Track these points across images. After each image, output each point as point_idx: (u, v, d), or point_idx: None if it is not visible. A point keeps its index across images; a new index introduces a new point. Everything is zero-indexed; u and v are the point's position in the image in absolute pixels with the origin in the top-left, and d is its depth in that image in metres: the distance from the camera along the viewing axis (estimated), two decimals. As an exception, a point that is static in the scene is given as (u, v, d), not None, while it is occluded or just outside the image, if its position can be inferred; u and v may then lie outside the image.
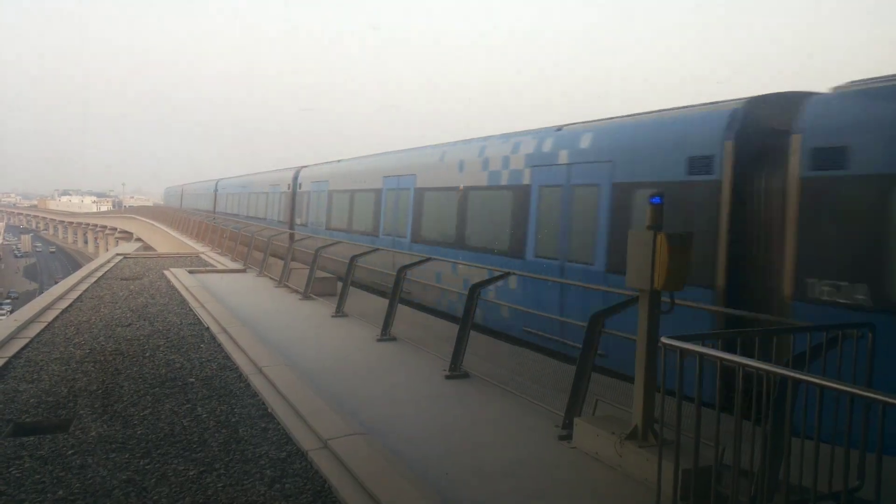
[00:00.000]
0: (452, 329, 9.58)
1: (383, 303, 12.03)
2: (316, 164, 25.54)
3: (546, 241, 11.24)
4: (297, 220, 25.22)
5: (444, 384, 8.52)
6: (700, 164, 8.47)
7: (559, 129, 11.76)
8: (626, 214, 9.55)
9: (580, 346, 6.87)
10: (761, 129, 8.16)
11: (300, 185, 25.32)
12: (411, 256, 13.26)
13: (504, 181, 12.38)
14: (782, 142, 7.50)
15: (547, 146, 11.54)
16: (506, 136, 13.12)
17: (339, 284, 14.56)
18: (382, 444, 6.17)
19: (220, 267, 22.29)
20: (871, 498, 4.25)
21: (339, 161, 23.31)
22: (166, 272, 19.50)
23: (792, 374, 4.15)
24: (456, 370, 8.79)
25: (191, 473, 5.72)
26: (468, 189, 13.57)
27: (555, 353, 10.03)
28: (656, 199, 5.69)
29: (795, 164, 7.22)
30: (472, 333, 9.15)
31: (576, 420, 6.42)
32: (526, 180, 11.77)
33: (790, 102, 7.81)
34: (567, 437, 6.46)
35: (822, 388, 4.05)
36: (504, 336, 11.29)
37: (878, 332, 4.86)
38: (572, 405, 6.67)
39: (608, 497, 5.34)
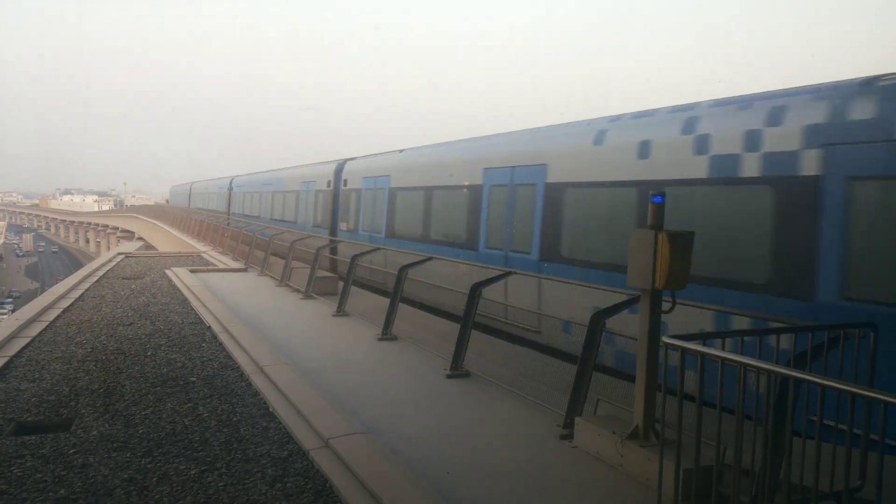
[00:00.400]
0: (454, 328, 9.58)
1: (384, 302, 12.03)
2: (366, 156, 20.77)
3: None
4: (343, 226, 20.52)
5: (446, 383, 8.52)
6: None
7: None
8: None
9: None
10: None
11: (345, 181, 20.76)
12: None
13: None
14: None
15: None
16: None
17: (341, 284, 14.56)
18: (383, 444, 6.17)
19: (221, 266, 22.31)
20: (872, 498, 4.25)
21: (401, 151, 18.53)
22: (168, 271, 19.51)
23: (793, 373, 4.14)
24: (457, 369, 8.79)
25: (192, 472, 5.73)
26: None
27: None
28: (657, 199, 5.69)
29: None
30: (474, 333, 9.15)
31: (577, 419, 6.42)
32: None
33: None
34: (568, 437, 6.46)
35: (824, 387, 4.05)
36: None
37: None
38: (573, 404, 6.67)
39: (609, 497, 5.34)
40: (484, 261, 12.04)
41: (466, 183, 13.42)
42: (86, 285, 16.74)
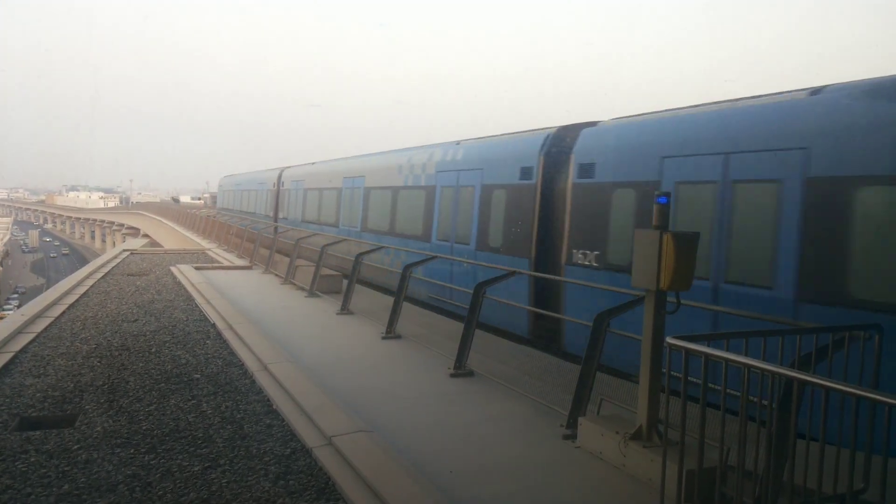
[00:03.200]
0: (457, 327, 9.58)
1: (388, 300, 12.03)
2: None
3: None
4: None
5: (449, 382, 8.52)
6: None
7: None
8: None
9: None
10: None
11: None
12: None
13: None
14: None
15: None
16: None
17: (345, 282, 14.56)
18: (386, 442, 6.18)
19: (226, 263, 22.36)
20: (876, 500, 4.24)
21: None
22: (173, 268, 19.56)
23: (797, 375, 4.13)
24: (461, 368, 8.79)
25: (195, 469, 5.74)
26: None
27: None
28: (663, 199, 5.68)
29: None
30: (478, 332, 9.15)
31: (580, 419, 6.41)
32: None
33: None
34: (571, 437, 6.45)
35: (828, 389, 4.03)
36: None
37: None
38: (577, 404, 6.66)
39: (612, 497, 5.33)
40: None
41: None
42: (91, 282, 16.79)
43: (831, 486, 4.57)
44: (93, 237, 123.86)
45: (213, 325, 11.64)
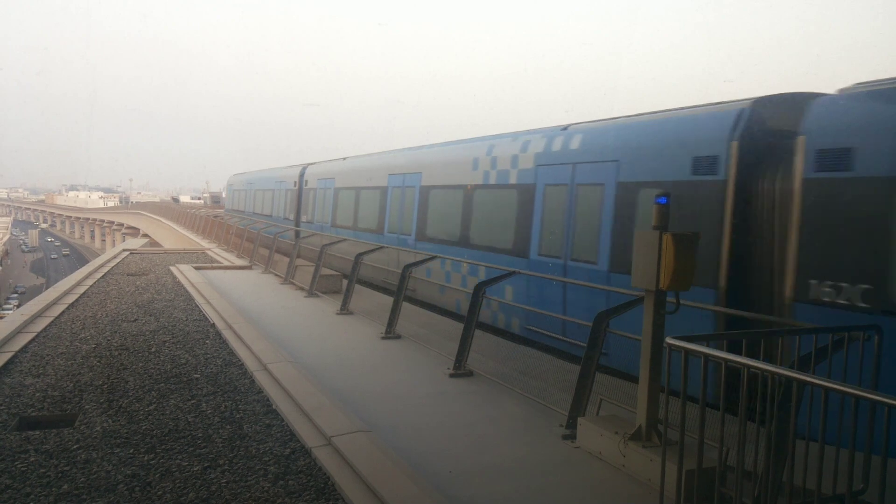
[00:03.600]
0: (457, 327, 9.58)
1: (388, 300, 12.04)
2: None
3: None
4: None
5: (448, 382, 8.52)
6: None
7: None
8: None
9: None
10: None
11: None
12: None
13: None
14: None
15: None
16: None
17: (344, 282, 14.56)
18: (386, 442, 6.18)
19: (225, 263, 22.35)
20: (875, 501, 4.24)
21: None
22: (172, 268, 19.56)
23: (797, 375, 4.13)
24: (460, 368, 8.79)
25: (195, 469, 5.74)
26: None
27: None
28: (662, 200, 5.68)
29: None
30: (477, 332, 9.15)
31: (580, 419, 6.42)
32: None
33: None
34: (571, 437, 6.45)
35: (827, 390, 4.03)
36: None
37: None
38: (576, 404, 6.66)
39: (611, 497, 5.34)
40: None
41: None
42: (91, 281, 16.79)
43: (830, 487, 4.58)
44: (92, 237, 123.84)
45: (213, 325, 11.64)
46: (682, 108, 9.52)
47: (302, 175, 25.39)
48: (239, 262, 22.81)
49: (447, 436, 6.64)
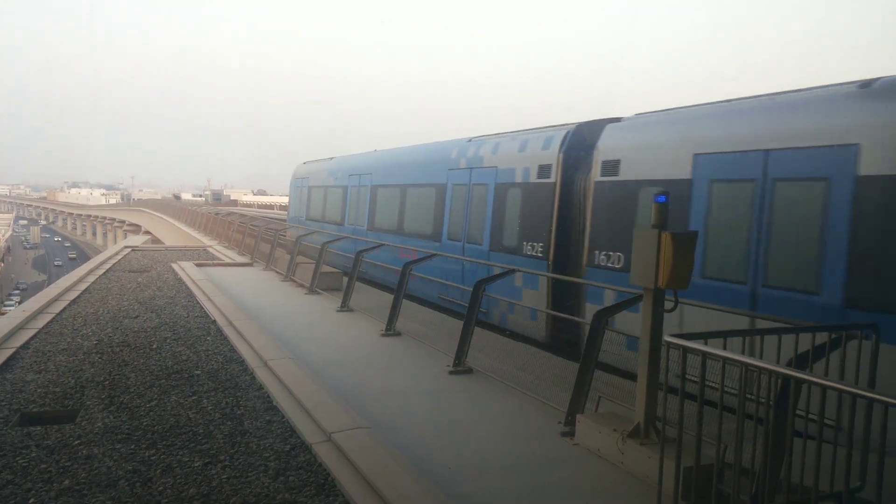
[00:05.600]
0: (457, 324, 9.61)
1: (388, 298, 12.06)
2: None
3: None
4: None
5: (448, 379, 8.55)
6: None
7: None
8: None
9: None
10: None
11: None
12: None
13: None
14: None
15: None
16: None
17: (345, 279, 14.60)
18: (385, 438, 6.20)
19: (227, 260, 22.39)
20: (872, 498, 4.26)
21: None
22: (174, 265, 19.60)
23: (794, 373, 4.15)
24: (460, 365, 8.82)
25: (196, 465, 5.77)
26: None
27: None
28: (661, 198, 5.69)
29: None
30: (477, 329, 9.17)
31: (578, 417, 6.44)
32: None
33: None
34: (569, 434, 6.48)
35: (825, 387, 4.06)
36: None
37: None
38: (575, 402, 6.68)
39: (610, 494, 5.36)
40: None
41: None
42: (92, 278, 16.83)
43: (828, 484, 4.60)
44: (94, 234, 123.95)
45: (214, 322, 11.66)
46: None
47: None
48: (240, 259, 22.84)
49: (446, 432, 6.67)
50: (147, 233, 57.46)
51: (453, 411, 7.34)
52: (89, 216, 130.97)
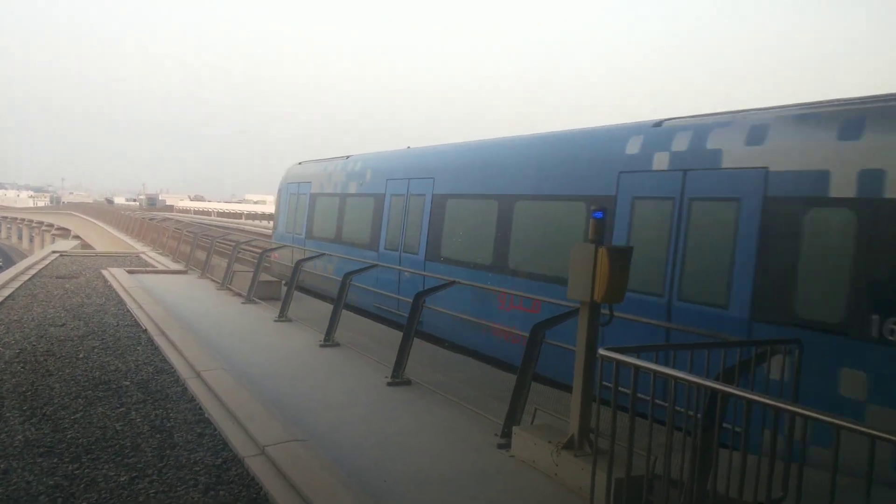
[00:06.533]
0: (396, 336, 9.57)
1: (327, 308, 11.94)
2: None
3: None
4: None
5: (386, 391, 8.50)
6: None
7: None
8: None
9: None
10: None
11: None
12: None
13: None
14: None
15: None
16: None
17: (284, 288, 14.38)
18: (321, 451, 6.13)
19: (160, 267, 21.78)
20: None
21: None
22: (104, 271, 18.96)
23: (721, 387, 4.29)
24: (398, 377, 8.78)
25: (122, 479, 5.58)
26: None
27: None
28: (599, 214, 5.81)
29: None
30: (416, 341, 9.16)
31: (514, 429, 6.49)
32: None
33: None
34: (506, 446, 6.52)
35: (750, 401, 4.20)
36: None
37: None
38: (511, 414, 6.73)
39: (544, 505, 5.41)
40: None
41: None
42: (17, 284, 16.13)
43: (752, 495, 4.75)
44: (20, 237, 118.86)
45: (145, 331, 11.33)
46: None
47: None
48: (174, 266, 22.25)
49: (384, 445, 6.62)
50: (77, 237, 55.43)
51: (391, 423, 7.30)
52: (15, 219, 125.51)
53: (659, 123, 8.56)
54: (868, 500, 3.46)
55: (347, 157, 17.03)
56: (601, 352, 4.74)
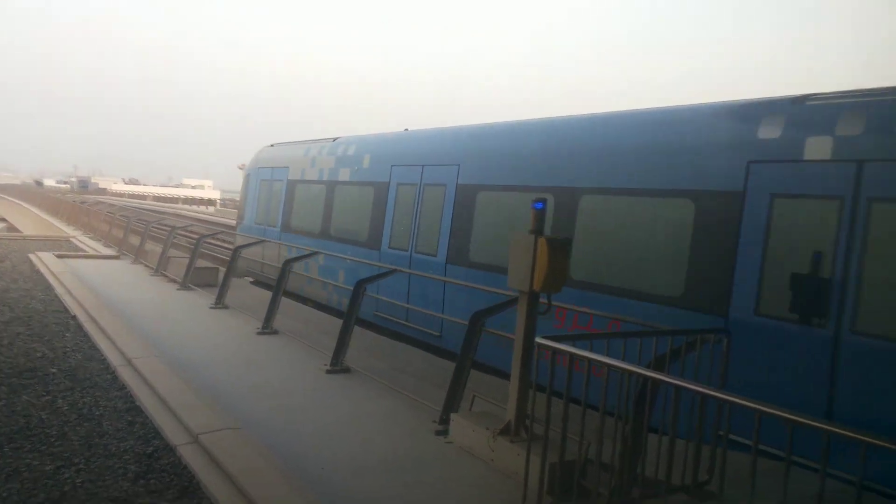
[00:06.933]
0: (336, 323, 9.51)
1: (266, 295, 11.77)
2: None
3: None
4: None
5: (325, 379, 8.44)
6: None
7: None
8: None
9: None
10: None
11: None
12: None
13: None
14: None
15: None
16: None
17: (221, 275, 14.09)
18: (257, 439, 6.05)
19: (91, 252, 21.07)
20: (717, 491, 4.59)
21: None
22: (32, 256, 18.23)
23: (652, 374, 4.41)
24: (337, 365, 8.73)
25: (47, 468, 5.41)
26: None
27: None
28: (539, 205, 5.88)
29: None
30: (357, 329, 9.12)
31: (452, 416, 6.54)
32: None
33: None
34: (444, 433, 6.56)
35: (679, 388, 4.34)
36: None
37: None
38: (450, 401, 6.78)
39: (479, 490, 5.47)
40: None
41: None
42: (-66, 267, 15.38)
43: (680, 478, 4.92)
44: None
45: (74, 317, 10.95)
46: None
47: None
48: (106, 251, 21.55)
49: (321, 432, 6.58)
50: (2, 220, 53.11)
51: (329, 411, 7.25)
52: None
53: (801, 100, 6.70)
54: (786, 481, 3.62)
55: (335, 139, 14.83)
56: (538, 340, 4.82)
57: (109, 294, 13.25)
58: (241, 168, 21.12)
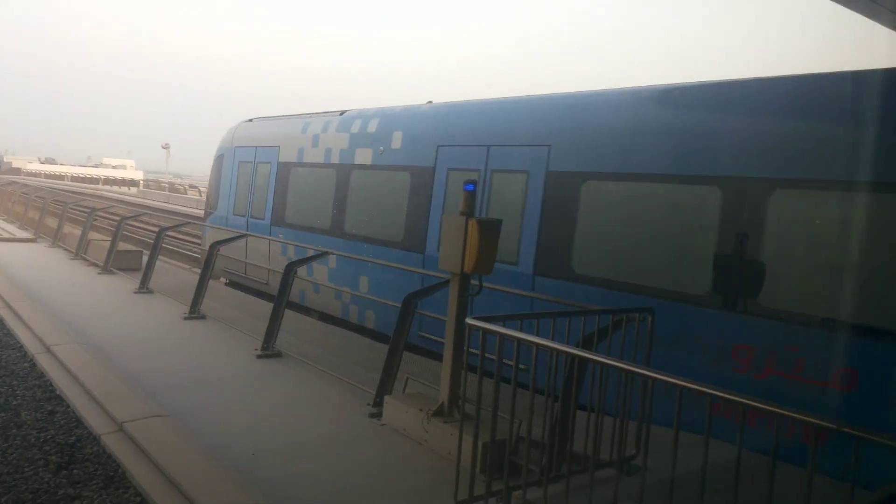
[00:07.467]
0: (267, 307, 9.37)
1: (193, 278, 11.48)
2: None
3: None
4: None
5: (256, 363, 8.32)
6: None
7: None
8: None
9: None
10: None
11: None
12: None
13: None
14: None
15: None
16: None
17: (145, 258, 13.65)
18: (185, 426, 5.93)
19: (5, 235, 20.08)
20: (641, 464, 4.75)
21: None
22: (-62, 239, 17.26)
23: (579, 353, 4.53)
24: (268, 349, 8.61)
25: (-41, 462, 5.17)
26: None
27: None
28: (470, 187, 5.91)
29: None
30: (288, 312, 9.00)
31: (386, 398, 6.56)
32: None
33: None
34: (378, 415, 6.58)
35: (606, 366, 4.46)
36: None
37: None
38: (384, 383, 6.79)
39: (413, 470, 5.52)
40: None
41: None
42: None
43: (608, 453, 5.08)
44: None
45: (-13, 304, 10.45)
46: None
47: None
48: (21, 234, 20.57)
49: (252, 417, 6.49)
50: None
51: (261, 396, 7.15)
52: None
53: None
54: (706, 452, 3.79)
55: (342, 112, 12.18)
56: (469, 321, 4.86)
57: (26, 279, 12.68)
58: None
